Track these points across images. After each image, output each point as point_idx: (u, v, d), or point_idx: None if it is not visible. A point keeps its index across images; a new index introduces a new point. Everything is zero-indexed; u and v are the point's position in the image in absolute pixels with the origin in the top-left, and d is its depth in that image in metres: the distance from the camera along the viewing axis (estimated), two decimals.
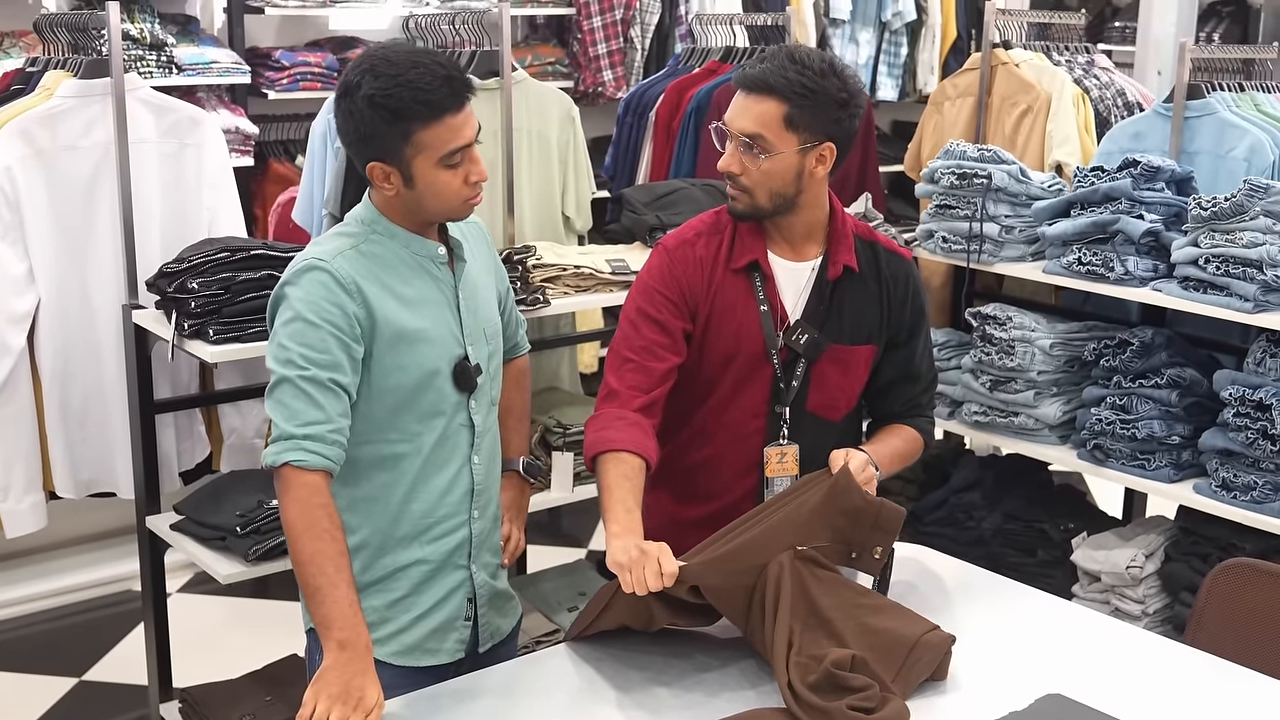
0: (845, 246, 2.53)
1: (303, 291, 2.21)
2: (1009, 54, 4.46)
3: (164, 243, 3.46)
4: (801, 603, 2.23)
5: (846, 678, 2.09)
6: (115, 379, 3.50)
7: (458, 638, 2.41)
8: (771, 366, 2.50)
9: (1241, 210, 3.32)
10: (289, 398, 2.17)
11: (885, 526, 2.34)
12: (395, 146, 2.22)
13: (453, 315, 2.35)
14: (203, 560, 3.09)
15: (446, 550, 2.38)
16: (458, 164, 2.26)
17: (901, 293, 2.59)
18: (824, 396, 2.54)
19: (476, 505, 2.41)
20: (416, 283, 2.31)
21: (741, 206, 2.46)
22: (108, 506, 4.56)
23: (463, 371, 2.34)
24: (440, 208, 2.29)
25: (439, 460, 2.34)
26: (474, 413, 2.38)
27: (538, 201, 3.87)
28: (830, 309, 2.52)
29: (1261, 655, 2.43)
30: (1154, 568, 3.63)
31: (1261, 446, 3.30)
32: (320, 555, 2.12)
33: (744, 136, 2.39)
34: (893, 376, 2.62)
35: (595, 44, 5.69)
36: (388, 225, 2.31)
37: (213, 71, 4.86)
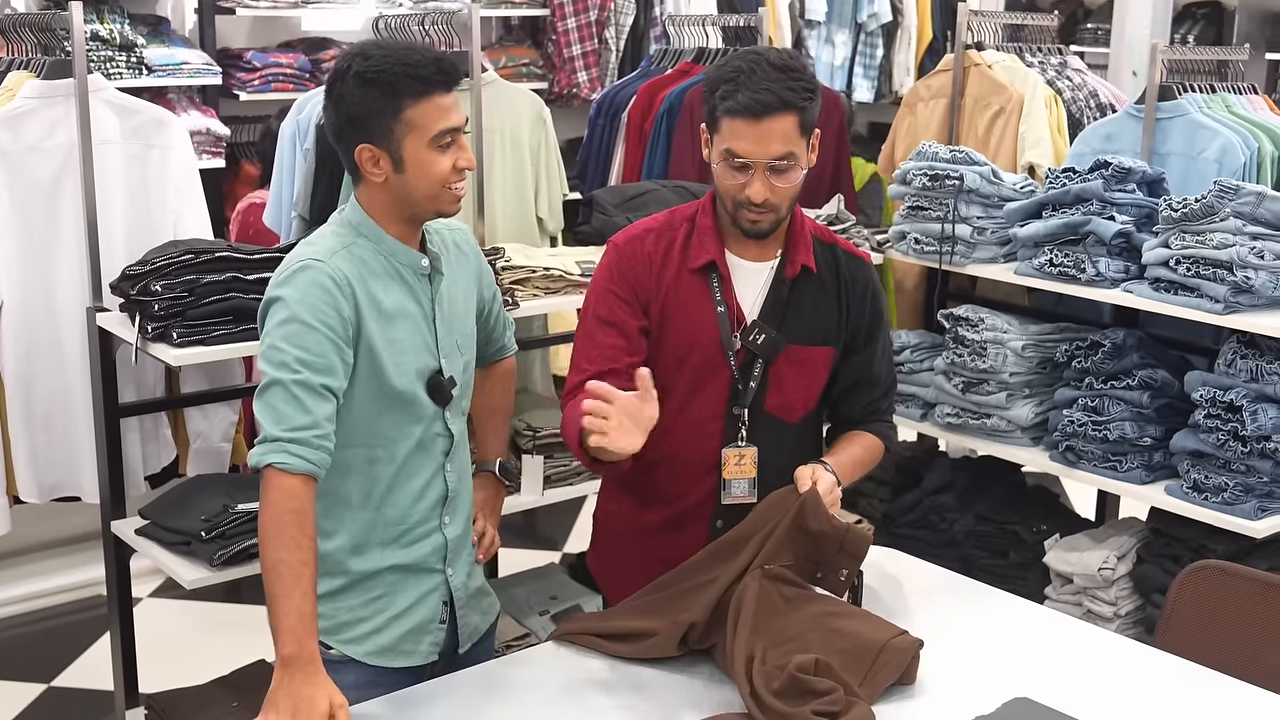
0: (804, 246, 2.52)
1: (299, 292, 2.20)
2: (982, 55, 4.46)
3: (129, 245, 3.42)
4: (766, 619, 2.23)
5: (811, 681, 2.09)
6: (79, 382, 3.46)
7: (432, 640, 2.41)
8: (729, 367, 2.48)
9: (1212, 211, 3.32)
10: (279, 401, 2.16)
11: (852, 550, 2.32)
12: (385, 125, 2.22)
13: (428, 328, 2.34)
14: (167, 565, 3.06)
15: (421, 554, 2.38)
16: (447, 146, 2.26)
17: (860, 295, 2.57)
18: (782, 398, 2.52)
19: (448, 512, 2.42)
20: (396, 293, 2.30)
21: (767, 225, 2.42)
22: (75, 512, 4.53)
23: (436, 385, 2.34)
24: (428, 193, 2.27)
25: (412, 468, 2.34)
26: (450, 423, 2.38)
27: (510, 203, 3.85)
28: (788, 309, 2.50)
29: (1230, 658, 2.42)
30: (1126, 569, 3.63)
31: (1232, 448, 3.30)
32: (281, 564, 2.10)
33: (776, 160, 2.35)
34: (851, 381, 2.61)
35: (570, 45, 5.68)
36: (374, 229, 2.30)
37: (183, 72, 4.84)
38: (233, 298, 2.98)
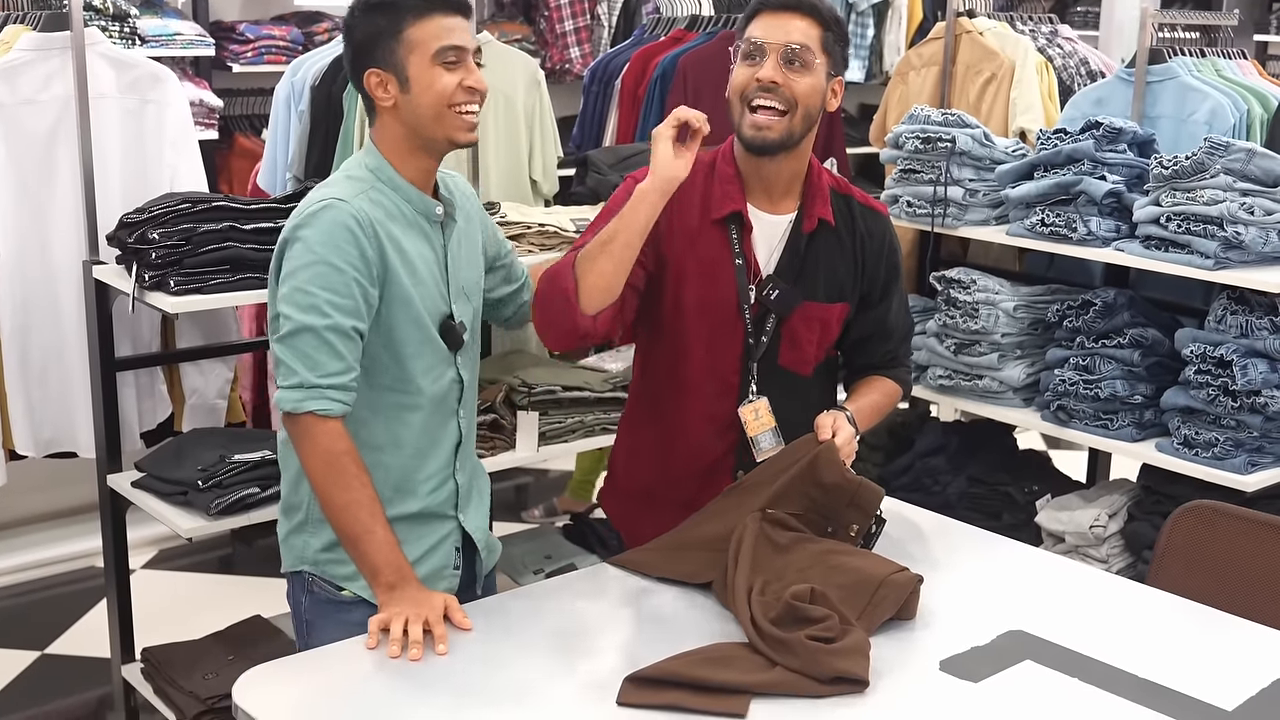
0: (821, 199, 2.49)
1: (323, 233, 2.19)
2: (973, 22, 4.48)
3: (125, 200, 3.43)
4: (766, 556, 2.25)
5: (806, 609, 2.10)
6: (76, 336, 3.47)
7: (446, 585, 2.42)
8: (743, 321, 2.47)
9: (1202, 168, 3.34)
10: (311, 347, 2.16)
11: (862, 505, 2.33)
12: (389, 47, 2.25)
13: (440, 273, 2.35)
14: (164, 516, 3.07)
15: (436, 501, 2.40)
16: (453, 64, 2.26)
17: (876, 250, 2.56)
18: (795, 352, 2.51)
19: (460, 458, 2.43)
20: (413, 238, 2.31)
21: (776, 134, 2.37)
22: (71, 483, 4.55)
23: (449, 330, 2.35)
24: (433, 112, 2.26)
25: (432, 414, 2.36)
26: (461, 369, 2.40)
27: (504, 165, 3.86)
28: (804, 264, 2.48)
29: (1222, 595, 2.44)
30: (1117, 527, 3.65)
31: (1222, 403, 3.32)
32: (351, 505, 2.15)
33: (790, 46, 2.35)
34: (867, 333, 2.60)
35: (562, 20, 5.69)
36: (390, 173, 2.30)
37: (176, 43, 4.84)
38: (230, 247, 2.99)
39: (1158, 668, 2.10)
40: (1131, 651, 2.16)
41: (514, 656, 2.12)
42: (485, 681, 2.03)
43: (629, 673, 1.99)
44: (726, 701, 1.94)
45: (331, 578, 2.34)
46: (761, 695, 1.98)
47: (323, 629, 2.32)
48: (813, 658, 2.00)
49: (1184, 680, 2.07)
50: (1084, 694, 2.03)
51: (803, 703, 1.98)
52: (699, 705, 1.93)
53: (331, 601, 2.36)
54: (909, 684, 2.06)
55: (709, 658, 2.03)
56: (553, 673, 2.07)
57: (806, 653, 2.01)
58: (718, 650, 2.07)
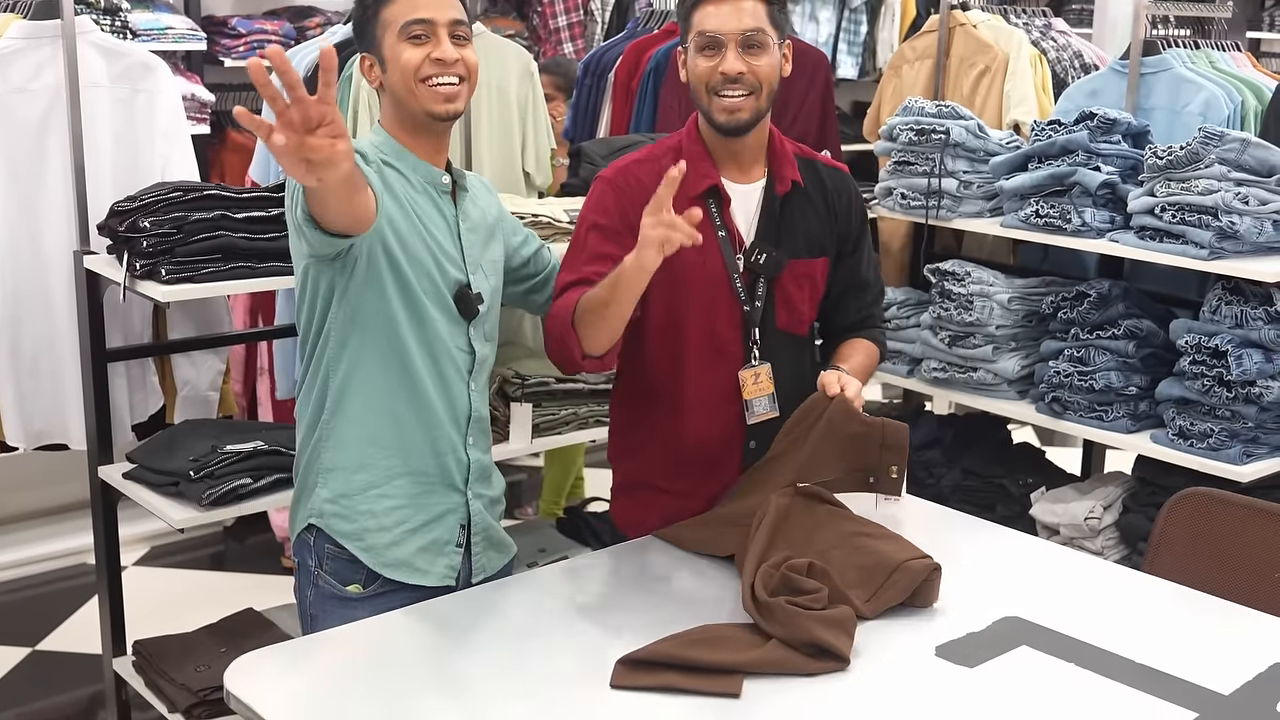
0: (789, 163, 2.57)
1: None
2: (966, 15, 4.48)
3: (116, 189, 3.40)
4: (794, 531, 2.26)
5: (799, 580, 2.11)
6: (67, 327, 3.45)
7: (448, 563, 2.43)
8: (734, 290, 2.50)
9: (1197, 158, 3.34)
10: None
11: (894, 445, 2.36)
12: (372, 31, 2.33)
13: (453, 241, 2.38)
14: (155, 507, 3.05)
15: (444, 466, 2.41)
16: (419, 38, 2.29)
17: (846, 203, 2.64)
18: (790, 313, 2.56)
19: (472, 433, 2.44)
20: (423, 206, 2.35)
21: (747, 114, 2.44)
22: (63, 479, 4.54)
23: (463, 297, 2.37)
24: (404, 87, 2.30)
25: (441, 380, 2.38)
26: (474, 340, 2.41)
27: (497, 156, 3.85)
28: (782, 225, 2.54)
29: (1217, 582, 2.44)
30: (1112, 519, 3.64)
31: (1217, 394, 3.31)
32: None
33: (748, 33, 2.40)
34: (844, 287, 2.66)
35: (555, 16, 5.68)
36: (396, 147, 2.35)
37: (168, 37, 4.82)
38: (221, 235, 2.97)
39: (1154, 653, 2.10)
40: (1128, 637, 2.16)
41: (507, 642, 2.11)
42: (478, 666, 2.03)
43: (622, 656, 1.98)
44: (720, 681, 1.94)
45: (333, 532, 2.36)
46: (755, 675, 1.98)
47: (326, 624, 2.31)
48: (792, 621, 2.03)
49: (1180, 665, 2.06)
50: (1080, 679, 2.03)
51: (797, 686, 1.98)
52: (693, 686, 1.93)
53: (337, 597, 2.36)
54: (905, 669, 2.05)
55: (699, 638, 2.04)
56: (546, 657, 2.06)
57: (786, 616, 2.04)
58: (708, 631, 2.08)
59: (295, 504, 2.46)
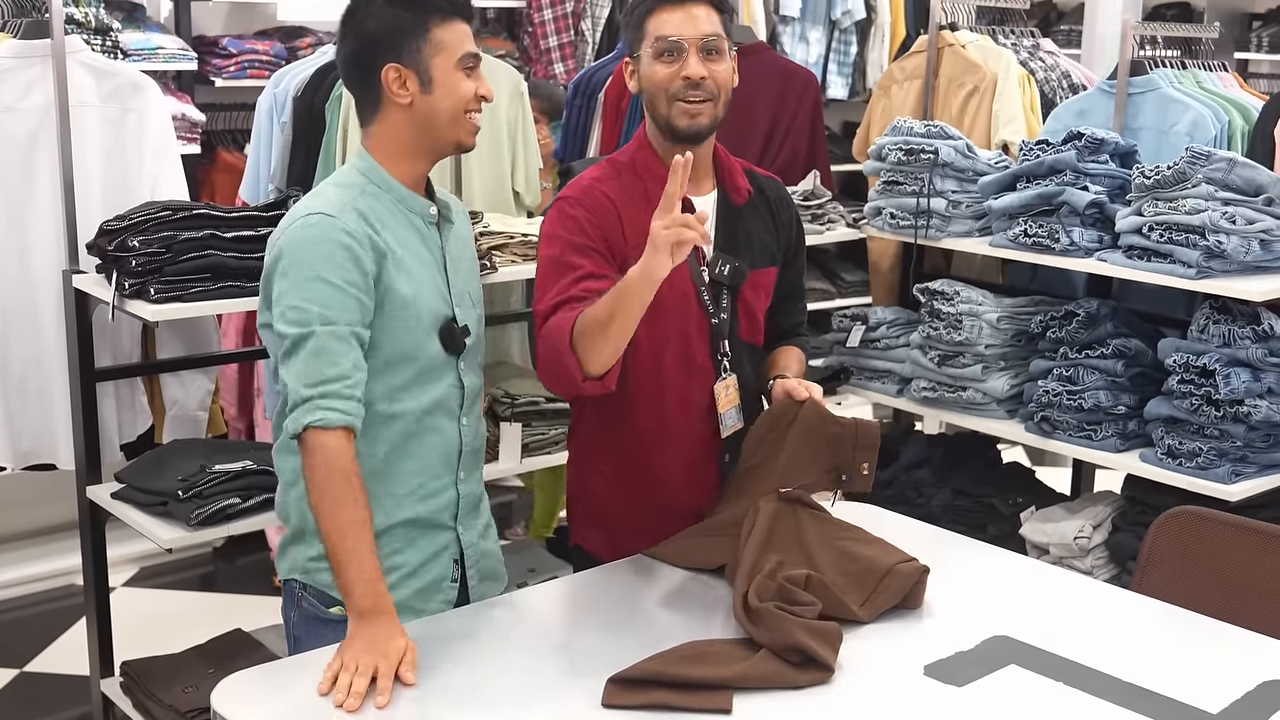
0: (738, 173, 2.58)
1: (314, 249, 2.15)
2: (955, 36, 4.49)
3: (105, 208, 3.40)
4: (781, 537, 2.28)
5: (795, 593, 2.13)
6: (55, 347, 3.45)
7: (443, 599, 2.39)
8: (703, 302, 2.50)
9: (1184, 178, 3.35)
10: (304, 358, 2.12)
11: (866, 443, 2.39)
12: (414, 44, 2.22)
13: (440, 275, 2.33)
14: (144, 527, 3.04)
15: (435, 509, 2.36)
16: (471, 69, 2.27)
17: (788, 213, 2.68)
18: (751, 323, 2.57)
19: (463, 468, 2.39)
20: (408, 240, 2.28)
21: (706, 119, 2.45)
22: (51, 500, 4.52)
23: (449, 332, 2.31)
24: (451, 116, 2.26)
25: (430, 420, 2.32)
26: (463, 374, 2.36)
27: (487, 175, 3.86)
28: (739, 236, 2.55)
29: (1206, 600, 2.44)
30: (1102, 538, 3.64)
31: (1206, 413, 3.32)
32: (345, 524, 2.09)
33: (708, 38, 2.42)
34: (785, 294, 2.69)
35: (546, 37, 5.70)
36: (384, 177, 2.28)
37: (159, 57, 4.81)
38: (211, 255, 2.97)
39: (1142, 672, 2.10)
40: (1116, 656, 2.15)
41: (497, 662, 2.11)
42: (467, 687, 2.02)
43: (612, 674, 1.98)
44: (711, 698, 1.94)
45: (322, 587, 2.31)
46: (745, 690, 1.97)
47: (309, 646, 2.27)
48: (779, 625, 2.04)
49: (1169, 684, 2.06)
50: (1069, 698, 2.03)
51: (787, 702, 1.98)
52: (684, 703, 1.93)
53: (319, 619, 2.32)
54: (893, 688, 2.05)
55: (688, 655, 2.04)
56: (537, 677, 2.06)
57: (774, 621, 2.05)
58: (696, 647, 2.08)
59: (281, 550, 2.39)
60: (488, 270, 3.32)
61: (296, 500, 2.29)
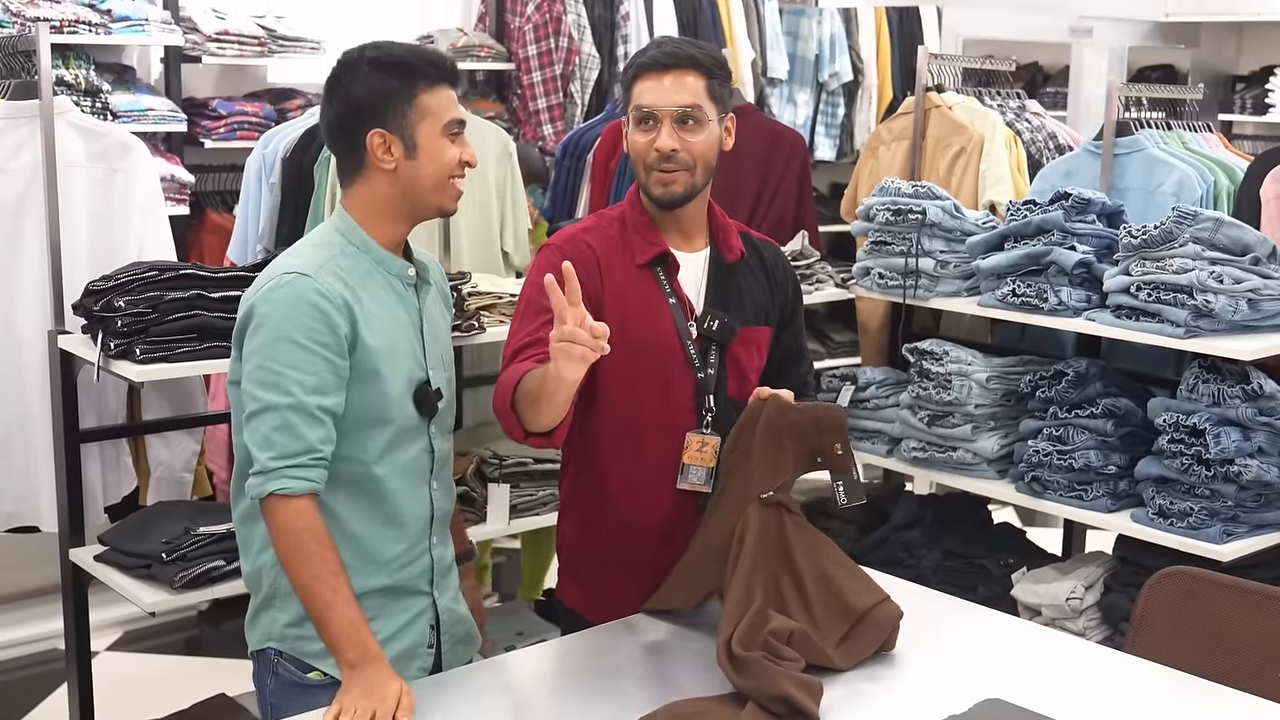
0: (732, 233, 2.59)
1: (287, 309, 2.14)
2: (942, 97, 4.52)
3: (92, 269, 3.39)
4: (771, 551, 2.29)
5: (779, 648, 2.14)
6: (40, 408, 3.42)
7: (420, 665, 2.35)
8: (688, 358, 2.49)
9: (1171, 238, 3.36)
10: (269, 428, 2.11)
11: (830, 425, 2.37)
12: (399, 110, 2.21)
13: (416, 338, 2.31)
14: (126, 590, 3.01)
15: (410, 576, 2.33)
16: (456, 135, 2.26)
17: (784, 273, 2.67)
18: (740, 382, 2.55)
19: (435, 531, 2.37)
20: (386, 301, 2.27)
21: (681, 188, 2.45)
22: (33, 563, 4.47)
23: (424, 395, 2.29)
24: (436, 182, 2.25)
25: (402, 485, 2.29)
26: (433, 438, 2.34)
27: (475, 236, 3.86)
28: (731, 293, 2.54)
29: (1200, 661, 2.42)
30: (1094, 599, 3.62)
31: (1196, 472, 3.31)
32: (314, 581, 2.10)
33: (683, 109, 2.41)
34: (783, 357, 2.67)
35: (535, 99, 5.72)
36: (364, 238, 2.26)
37: (148, 118, 4.82)
38: (197, 315, 2.96)
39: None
40: (1109, 718, 2.13)
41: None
42: None
43: None
44: None
45: (300, 654, 2.27)
46: None
47: (288, 713, 2.23)
48: (765, 674, 2.06)
49: None
50: None
51: None
52: None
53: (298, 685, 2.28)
54: None
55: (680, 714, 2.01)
56: None
57: (760, 670, 2.07)
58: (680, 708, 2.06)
59: (252, 619, 2.34)
60: (475, 330, 3.31)
61: (268, 567, 2.27)
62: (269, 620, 2.30)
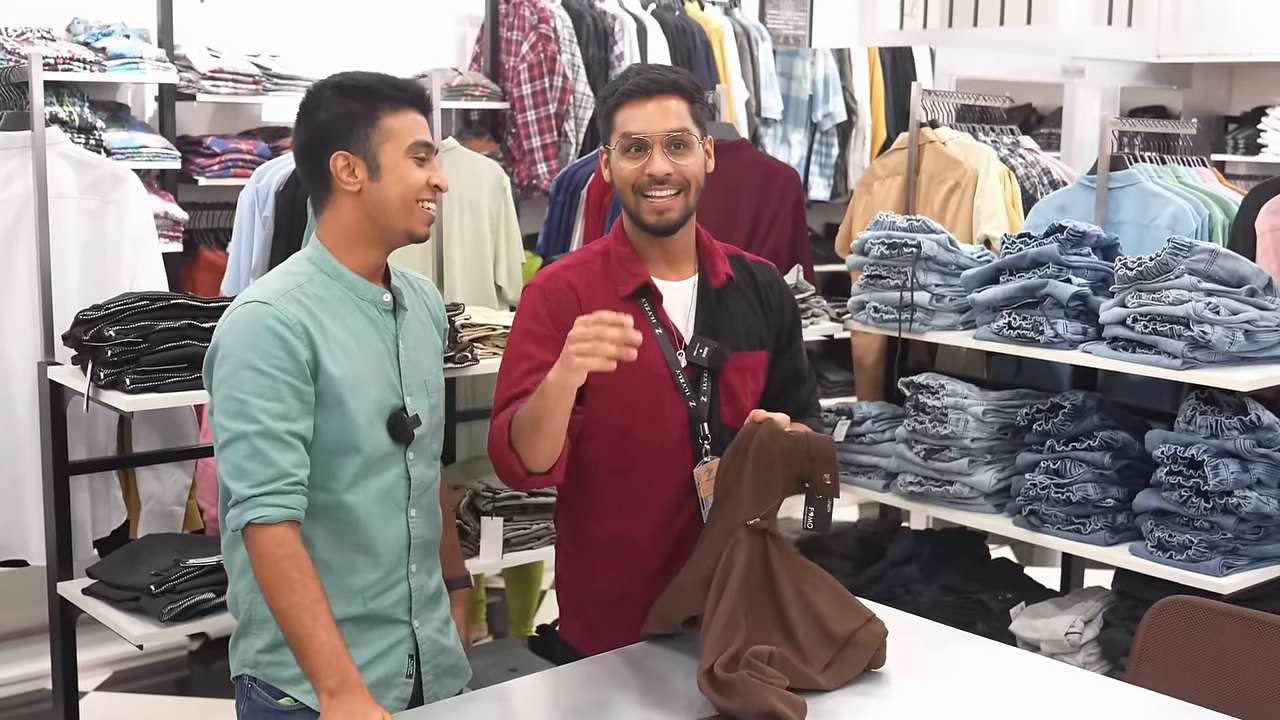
0: (720, 258, 2.56)
1: (246, 338, 2.14)
2: (936, 132, 4.53)
3: (83, 300, 3.36)
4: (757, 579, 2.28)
5: (761, 668, 2.14)
6: (29, 440, 3.40)
7: (398, 695, 2.32)
8: (679, 388, 2.47)
9: (1167, 269, 3.35)
10: (241, 457, 2.10)
11: (820, 455, 2.33)
12: (362, 132, 2.21)
13: (392, 364, 2.29)
14: (114, 622, 2.98)
15: (386, 605, 2.30)
16: (423, 159, 2.25)
17: (779, 296, 2.64)
18: (734, 407, 2.52)
19: (414, 560, 2.34)
20: (358, 328, 2.25)
21: (676, 213, 2.43)
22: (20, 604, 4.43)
23: (398, 422, 2.27)
24: (401, 204, 2.24)
25: (376, 514, 2.27)
26: (411, 465, 2.31)
27: (469, 269, 3.85)
28: (720, 319, 2.52)
29: (1201, 692, 2.38)
30: (1093, 634, 3.59)
31: (1195, 504, 3.29)
32: (294, 609, 2.08)
33: (674, 133, 2.40)
34: (782, 381, 2.64)
35: (529, 138, 5.73)
36: (335, 265, 2.26)
37: (142, 156, 4.81)
38: (188, 345, 2.94)
39: None
40: None
41: None
42: None
43: None
44: None
45: (272, 680, 2.25)
46: None
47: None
48: (751, 691, 2.07)
49: None
50: None
51: None
52: None
53: (270, 711, 2.26)
54: None
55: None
56: None
57: (746, 688, 2.08)
58: None
59: (232, 645, 2.33)
60: (469, 362, 3.29)
61: (245, 591, 2.26)
62: (245, 646, 2.29)
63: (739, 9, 6.57)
